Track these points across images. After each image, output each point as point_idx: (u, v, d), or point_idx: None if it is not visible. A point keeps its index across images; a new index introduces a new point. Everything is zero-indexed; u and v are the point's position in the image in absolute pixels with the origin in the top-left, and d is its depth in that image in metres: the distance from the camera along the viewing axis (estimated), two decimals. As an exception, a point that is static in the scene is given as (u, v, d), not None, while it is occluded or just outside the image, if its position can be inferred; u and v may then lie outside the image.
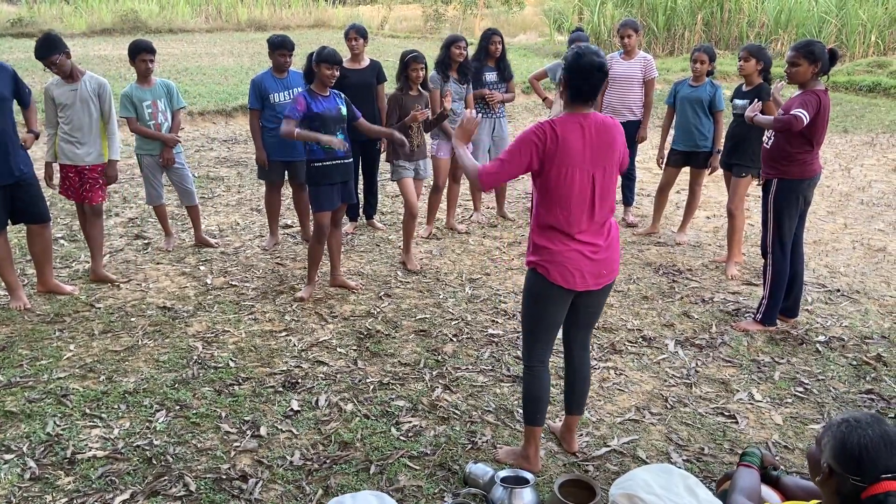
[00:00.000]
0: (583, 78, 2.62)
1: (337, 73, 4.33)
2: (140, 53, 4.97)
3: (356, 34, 5.52)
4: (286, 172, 5.44)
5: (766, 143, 4.18)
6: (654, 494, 2.34)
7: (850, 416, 1.83)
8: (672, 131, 5.76)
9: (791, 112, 3.87)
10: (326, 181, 4.39)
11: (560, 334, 2.98)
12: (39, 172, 4.46)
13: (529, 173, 2.74)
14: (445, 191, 5.91)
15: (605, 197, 2.74)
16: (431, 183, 5.81)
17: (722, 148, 5.31)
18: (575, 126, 2.65)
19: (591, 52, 2.65)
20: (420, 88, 4.98)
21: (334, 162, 4.39)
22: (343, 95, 4.54)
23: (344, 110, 4.43)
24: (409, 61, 4.86)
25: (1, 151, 4.08)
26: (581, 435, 3.20)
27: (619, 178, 6.24)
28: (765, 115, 4.24)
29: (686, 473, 2.50)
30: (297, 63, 5.15)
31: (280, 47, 5.17)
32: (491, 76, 5.88)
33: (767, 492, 2.38)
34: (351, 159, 4.51)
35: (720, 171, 5.47)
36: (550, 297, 2.81)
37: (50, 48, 4.35)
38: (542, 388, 2.91)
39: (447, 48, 5.48)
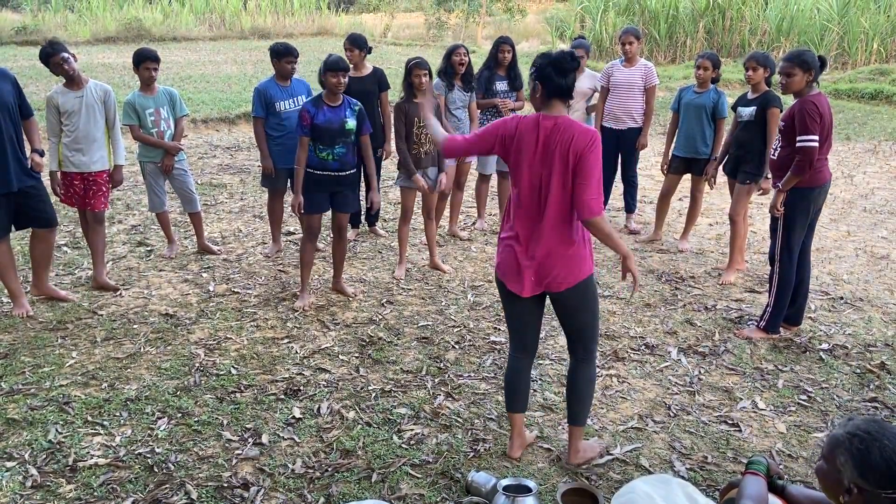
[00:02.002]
0: (556, 69, 2.70)
1: (344, 80, 4.31)
2: (144, 62, 4.99)
3: (350, 45, 5.54)
4: (289, 180, 5.44)
5: (774, 154, 4.17)
6: (658, 505, 2.33)
7: (855, 429, 1.82)
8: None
9: (798, 145, 3.89)
10: (315, 188, 4.43)
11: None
12: (45, 179, 4.47)
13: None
14: (449, 197, 5.90)
15: (556, 201, 2.70)
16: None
17: (720, 156, 5.30)
18: (533, 124, 2.74)
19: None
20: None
21: (325, 173, 4.42)
22: (359, 108, 4.46)
23: (350, 123, 4.38)
24: (412, 67, 4.81)
25: (4, 158, 4.07)
26: (584, 443, 3.18)
27: (621, 185, 6.34)
28: (784, 179, 4.00)
29: (683, 482, 2.50)
30: (301, 71, 5.16)
31: (286, 54, 5.18)
32: (501, 85, 5.87)
33: (774, 501, 2.36)
34: (348, 172, 4.48)
35: (722, 178, 5.46)
36: (502, 293, 2.96)
37: (56, 46, 4.46)
38: (511, 374, 3.03)
39: (448, 57, 5.49)
